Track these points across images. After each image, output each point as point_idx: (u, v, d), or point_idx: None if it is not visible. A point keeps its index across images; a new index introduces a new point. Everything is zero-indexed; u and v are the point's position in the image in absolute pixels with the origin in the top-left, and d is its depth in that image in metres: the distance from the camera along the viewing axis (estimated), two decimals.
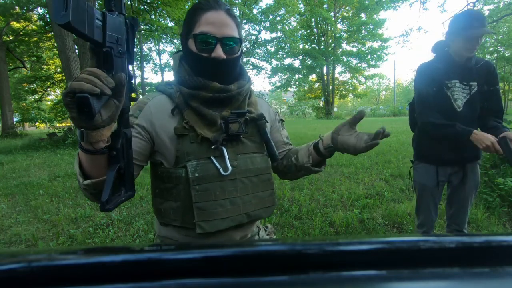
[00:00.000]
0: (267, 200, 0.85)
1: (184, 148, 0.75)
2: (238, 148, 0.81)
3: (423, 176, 1.64)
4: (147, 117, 0.77)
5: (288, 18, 21.06)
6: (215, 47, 0.74)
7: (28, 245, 2.45)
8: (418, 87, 1.61)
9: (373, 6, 20.64)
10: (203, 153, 0.76)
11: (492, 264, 0.24)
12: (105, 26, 0.48)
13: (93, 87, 0.47)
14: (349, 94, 28.18)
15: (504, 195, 2.77)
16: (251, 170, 0.82)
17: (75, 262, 0.25)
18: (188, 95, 0.76)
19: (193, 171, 0.74)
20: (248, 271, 0.24)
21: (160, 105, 0.79)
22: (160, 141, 0.77)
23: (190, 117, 0.76)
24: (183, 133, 0.76)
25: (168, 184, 0.78)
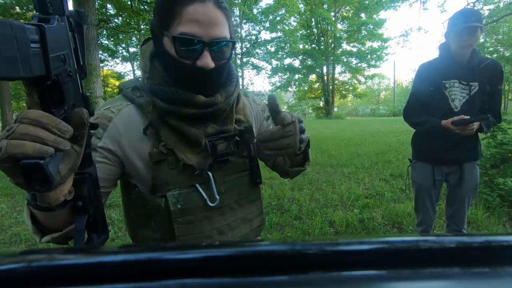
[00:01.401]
0: (255, 221, 0.76)
1: (162, 176, 0.62)
2: (225, 170, 0.68)
3: (420, 175, 1.65)
4: (113, 138, 0.61)
5: (288, 18, 21.08)
6: (202, 53, 0.57)
7: (28, 245, 2.45)
8: (413, 86, 1.64)
9: (373, 6, 20.64)
10: (186, 181, 0.63)
11: (492, 264, 0.24)
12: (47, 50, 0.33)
13: (42, 148, 0.33)
14: (349, 94, 28.19)
15: (504, 195, 2.77)
16: (240, 192, 0.71)
17: (75, 262, 0.25)
18: (164, 111, 0.60)
19: (174, 203, 0.62)
20: (248, 271, 0.24)
21: (129, 122, 0.62)
22: (132, 165, 0.63)
23: (168, 138, 0.62)
24: (160, 159, 0.62)
25: (144, 210, 0.65)
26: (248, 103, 0.79)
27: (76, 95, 0.41)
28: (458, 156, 1.55)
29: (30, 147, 0.33)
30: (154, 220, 0.65)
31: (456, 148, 1.53)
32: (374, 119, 20.83)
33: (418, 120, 1.58)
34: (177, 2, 0.55)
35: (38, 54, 0.32)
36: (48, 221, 0.50)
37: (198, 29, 0.55)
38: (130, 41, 18.51)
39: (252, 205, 0.75)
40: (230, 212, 0.70)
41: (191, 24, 0.55)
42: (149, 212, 0.65)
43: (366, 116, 27.88)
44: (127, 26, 12.06)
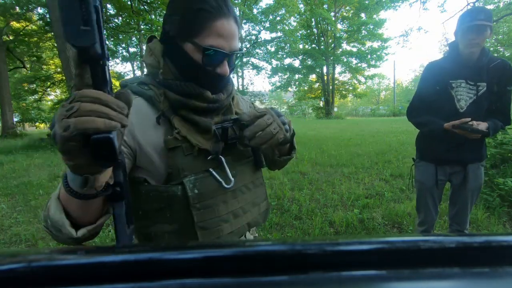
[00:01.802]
0: (262, 205, 0.81)
1: (178, 163, 0.64)
2: (233, 156, 0.73)
3: (423, 174, 1.64)
4: (127, 129, 0.63)
5: (288, 18, 21.08)
6: (222, 63, 0.66)
7: (28, 245, 2.45)
8: (419, 85, 1.61)
9: (373, 6, 20.65)
10: (200, 166, 0.67)
11: (492, 264, 0.24)
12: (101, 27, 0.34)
13: (111, 122, 0.35)
14: (349, 94, 28.18)
15: (504, 195, 2.77)
16: (248, 177, 0.76)
17: (75, 262, 0.25)
18: (177, 102, 0.66)
19: (191, 188, 0.65)
20: (248, 271, 0.24)
21: (140, 113, 0.65)
22: (145, 156, 0.64)
23: (181, 125, 0.66)
24: (175, 146, 0.65)
25: (156, 204, 0.66)
26: (240, 100, 0.88)
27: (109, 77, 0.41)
28: (461, 156, 1.53)
29: (101, 122, 0.35)
30: (170, 211, 0.65)
31: (460, 149, 1.50)
32: (374, 119, 20.84)
33: (421, 120, 1.56)
34: (207, 16, 0.62)
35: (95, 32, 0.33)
36: (83, 212, 0.50)
37: (223, 42, 0.64)
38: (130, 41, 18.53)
39: (258, 189, 0.80)
40: (242, 195, 0.74)
41: (218, 39, 0.63)
42: (163, 204, 0.65)
43: (366, 116, 27.89)
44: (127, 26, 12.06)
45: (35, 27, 14.36)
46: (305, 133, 9.85)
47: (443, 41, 21.06)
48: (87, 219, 0.51)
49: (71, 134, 0.34)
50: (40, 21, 13.71)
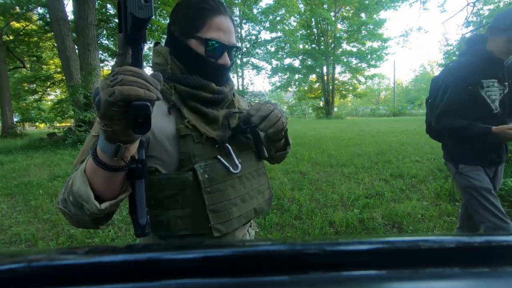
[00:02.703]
0: (266, 193, 0.87)
1: (189, 149, 0.70)
2: (239, 145, 0.80)
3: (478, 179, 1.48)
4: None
5: (288, 18, 21.08)
6: (223, 54, 0.73)
7: (28, 245, 2.45)
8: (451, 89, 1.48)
9: (373, 6, 20.64)
10: (209, 152, 0.73)
11: (492, 264, 0.24)
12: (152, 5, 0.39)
13: (150, 92, 0.41)
14: (349, 94, 28.18)
15: (504, 195, 2.77)
16: (253, 165, 0.82)
17: (75, 262, 0.25)
18: (186, 94, 0.72)
19: (202, 173, 0.70)
20: (248, 271, 0.24)
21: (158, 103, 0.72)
22: (158, 144, 0.69)
23: (190, 116, 0.72)
24: (186, 133, 0.71)
25: (168, 191, 0.70)
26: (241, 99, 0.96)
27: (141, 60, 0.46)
28: (499, 157, 1.48)
29: (142, 91, 0.40)
30: (182, 196, 0.70)
31: (498, 149, 1.46)
32: (374, 119, 20.84)
33: (458, 124, 1.44)
34: (205, 12, 0.71)
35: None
36: (107, 185, 0.53)
37: (223, 36, 0.72)
38: None
39: (262, 178, 0.86)
40: (248, 182, 0.80)
41: (218, 32, 0.72)
42: (175, 190, 0.70)
43: (366, 116, 27.89)
44: None
45: (35, 27, 14.36)
46: (305, 133, 9.85)
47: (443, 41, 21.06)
48: (109, 194, 0.54)
49: (115, 99, 0.40)
50: (40, 21, 13.71)
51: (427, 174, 3.99)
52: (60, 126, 11.27)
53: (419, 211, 2.80)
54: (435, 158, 4.81)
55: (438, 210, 2.81)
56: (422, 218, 2.68)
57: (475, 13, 10.63)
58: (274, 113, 0.72)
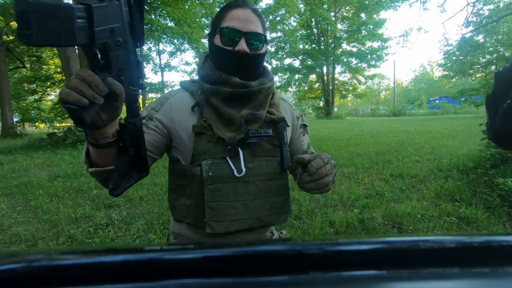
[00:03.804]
0: (281, 206, 0.82)
1: (201, 147, 0.75)
2: (255, 150, 0.79)
3: None
4: (167, 113, 0.78)
5: (288, 18, 21.06)
6: (240, 40, 0.74)
7: (28, 245, 2.45)
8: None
9: (373, 6, 20.62)
10: (219, 152, 0.76)
11: (492, 264, 0.24)
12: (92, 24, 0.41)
13: (81, 98, 0.44)
14: (349, 94, 28.17)
15: (504, 195, 2.77)
16: (266, 174, 0.80)
17: (75, 262, 0.25)
18: (208, 91, 0.76)
19: (207, 170, 0.74)
20: (248, 271, 0.24)
21: (181, 102, 0.80)
22: (179, 137, 0.77)
23: (209, 116, 0.76)
24: (200, 131, 0.76)
25: (183, 181, 0.78)
26: (286, 105, 0.92)
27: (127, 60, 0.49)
28: None
29: (72, 96, 0.43)
30: (191, 187, 0.77)
31: None
32: (374, 119, 20.84)
33: None
34: (225, 9, 0.77)
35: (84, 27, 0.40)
36: (98, 157, 0.61)
37: (238, 23, 0.74)
38: None
39: (278, 189, 0.82)
40: (255, 188, 0.78)
41: (233, 21, 0.75)
42: (186, 181, 0.77)
43: (366, 116, 27.89)
44: None
45: None
46: None
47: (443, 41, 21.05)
48: (101, 163, 0.62)
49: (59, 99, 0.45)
50: None
51: (427, 174, 3.99)
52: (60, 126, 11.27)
53: (419, 211, 2.80)
54: (435, 158, 4.81)
55: (438, 210, 2.81)
56: (422, 218, 2.68)
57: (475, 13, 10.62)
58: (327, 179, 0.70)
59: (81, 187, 3.85)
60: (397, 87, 45.06)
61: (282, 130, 0.81)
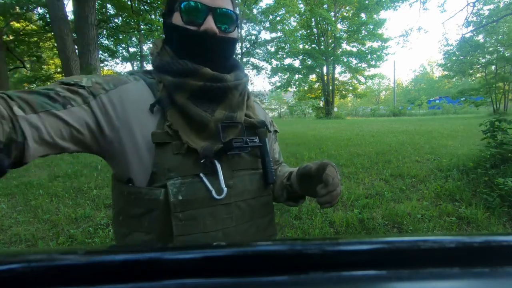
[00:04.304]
0: (266, 228, 0.69)
1: (165, 161, 0.56)
2: (234, 162, 0.62)
3: None
4: (121, 100, 0.56)
5: (288, 18, 21.06)
6: (206, 18, 0.58)
7: (28, 245, 2.45)
8: None
9: (373, 6, 20.63)
10: (190, 168, 0.57)
11: (492, 264, 0.24)
12: None
13: None
14: (349, 94, 28.16)
15: (504, 195, 2.77)
16: (250, 192, 0.64)
17: (75, 262, 0.25)
18: (172, 86, 0.58)
19: (175, 193, 0.55)
20: (248, 271, 0.24)
21: (141, 94, 0.59)
22: (134, 148, 0.56)
23: (174, 119, 0.57)
24: (164, 141, 0.56)
25: (138, 209, 0.57)
26: (260, 109, 0.78)
27: None
28: None
29: None
30: (149, 218, 0.56)
31: None
32: (374, 119, 20.84)
33: None
34: None
35: None
36: None
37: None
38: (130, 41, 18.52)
39: (263, 208, 0.67)
40: (239, 212, 0.62)
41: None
42: (143, 210, 0.56)
43: (366, 116, 27.88)
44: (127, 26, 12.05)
45: (35, 27, 14.36)
46: (305, 133, 9.85)
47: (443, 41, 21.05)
48: None
49: None
50: (40, 21, 13.71)
51: (427, 174, 3.99)
52: None
53: (419, 211, 2.79)
54: (435, 158, 4.81)
55: (438, 210, 2.81)
56: (422, 218, 2.68)
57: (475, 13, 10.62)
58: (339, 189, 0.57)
59: (81, 187, 3.84)
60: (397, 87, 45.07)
61: (264, 137, 0.66)
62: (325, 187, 0.56)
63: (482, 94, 16.12)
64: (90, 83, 0.55)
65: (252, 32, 22.67)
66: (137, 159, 0.56)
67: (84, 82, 0.55)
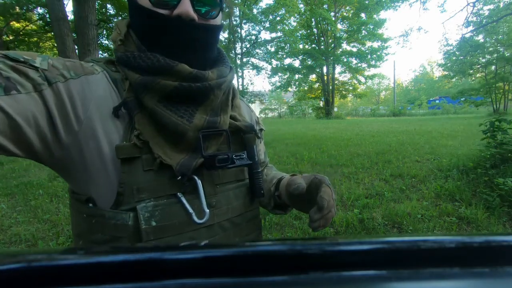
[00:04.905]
0: None
1: (133, 180, 0.45)
2: (216, 176, 0.53)
3: None
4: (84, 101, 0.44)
5: (288, 18, 21.06)
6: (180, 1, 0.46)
7: (28, 245, 2.45)
8: None
9: (373, 6, 20.64)
10: (164, 188, 0.47)
11: (492, 264, 0.24)
12: None
13: None
14: (349, 94, 28.17)
15: (504, 195, 2.77)
16: (235, 209, 0.55)
17: (75, 262, 0.25)
18: (140, 86, 0.46)
19: (147, 219, 0.45)
20: (248, 271, 0.24)
21: (103, 93, 0.47)
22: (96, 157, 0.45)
23: (143, 126, 0.47)
24: (131, 156, 0.45)
25: (100, 235, 0.46)
26: (245, 106, 0.68)
27: None
28: None
29: None
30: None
31: None
32: (374, 119, 20.83)
33: None
34: None
35: None
36: None
37: None
38: None
39: (249, 225, 0.59)
40: (222, 233, 0.53)
41: None
42: (107, 236, 0.46)
43: (366, 116, 27.88)
44: None
45: (35, 27, 14.36)
46: (305, 133, 9.85)
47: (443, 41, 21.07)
48: None
49: None
50: (40, 21, 13.71)
51: (427, 174, 3.99)
52: None
53: (419, 211, 2.80)
54: (435, 158, 4.81)
55: (438, 210, 2.81)
56: (422, 218, 2.68)
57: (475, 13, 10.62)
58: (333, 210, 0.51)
59: None
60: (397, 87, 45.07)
61: (252, 144, 0.56)
62: (318, 212, 0.49)
63: (482, 94, 16.12)
64: (46, 64, 0.42)
65: (252, 32, 22.68)
66: (102, 175, 0.45)
67: (38, 62, 0.42)
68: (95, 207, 0.46)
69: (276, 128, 11.35)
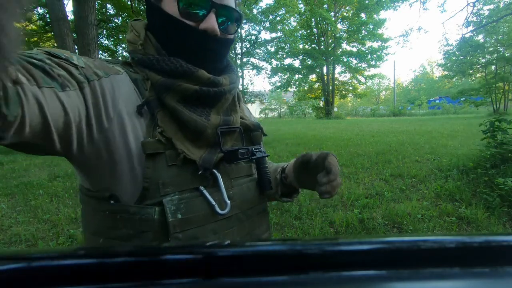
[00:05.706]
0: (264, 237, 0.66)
1: (158, 175, 0.47)
2: (231, 170, 0.57)
3: None
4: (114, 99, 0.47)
5: (288, 18, 21.07)
6: (208, 14, 0.50)
7: (28, 245, 2.45)
8: None
9: (373, 6, 20.64)
10: (188, 182, 0.50)
11: (492, 264, 0.24)
12: None
13: None
14: (349, 94, 28.18)
15: (504, 195, 2.77)
16: (248, 201, 0.59)
17: (75, 262, 0.25)
18: (162, 87, 0.50)
19: (173, 211, 0.47)
20: (248, 271, 0.24)
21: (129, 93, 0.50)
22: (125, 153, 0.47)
23: (165, 124, 0.50)
24: (156, 151, 0.48)
25: (124, 230, 0.48)
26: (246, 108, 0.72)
27: None
28: None
29: None
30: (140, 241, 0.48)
31: None
32: (374, 119, 20.84)
33: None
34: None
35: None
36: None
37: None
38: None
39: (260, 218, 0.63)
40: (240, 224, 0.57)
41: None
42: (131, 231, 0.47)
43: (366, 116, 27.89)
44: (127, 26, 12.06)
45: (35, 27, 14.36)
46: (305, 133, 9.85)
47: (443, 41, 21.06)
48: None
49: None
50: (40, 21, 13.72)
51: (427, 174, 3.99)
52: None
53: (419, 211, 2.80)
54: (435, 158, 4.81)
55: (438, 210, 2.81)
56: (422, 218, 2.68)
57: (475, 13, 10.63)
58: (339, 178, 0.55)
59: None
60: (397, 87, 45.09)
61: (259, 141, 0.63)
62: (326, 175, 0.53)
63: (482, 94, 16.13)
64: (82, 63, 0.44)
65: (252, 32, 22.68)
66: (128, 170, 0.47)
67: (76, 60, 0.44)
68: (118, 203, 0.48)
69: (276, 128, 11.35)
